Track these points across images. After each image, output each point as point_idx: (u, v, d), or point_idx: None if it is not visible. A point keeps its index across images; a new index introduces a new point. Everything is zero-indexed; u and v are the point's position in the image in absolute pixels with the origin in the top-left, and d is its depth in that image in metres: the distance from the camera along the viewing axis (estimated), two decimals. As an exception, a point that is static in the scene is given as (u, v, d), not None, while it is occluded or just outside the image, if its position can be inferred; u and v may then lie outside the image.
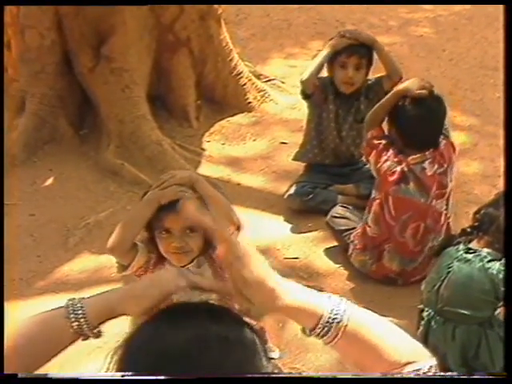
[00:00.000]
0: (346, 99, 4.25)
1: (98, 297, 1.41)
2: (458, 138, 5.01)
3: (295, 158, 4.49)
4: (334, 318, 1.32)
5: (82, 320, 1.37)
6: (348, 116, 4.27)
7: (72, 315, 1.38)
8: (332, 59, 4.15)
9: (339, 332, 1.32)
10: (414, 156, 3.63)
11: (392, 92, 3.75)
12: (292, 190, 4.31)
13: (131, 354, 1.18)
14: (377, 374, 1.20)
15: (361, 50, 4.12)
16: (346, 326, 1.32)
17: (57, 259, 3.94)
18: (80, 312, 1.37)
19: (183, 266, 2.59)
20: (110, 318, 1.40)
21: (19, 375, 1.20)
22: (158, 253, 2.67)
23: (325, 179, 4.31)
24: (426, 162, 3.63)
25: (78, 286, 3.72)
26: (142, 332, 1.21)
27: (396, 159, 3.64)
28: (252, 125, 5.15)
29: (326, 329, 1.32)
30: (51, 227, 4.18)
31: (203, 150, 4.91)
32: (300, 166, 4.50)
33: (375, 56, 4.19)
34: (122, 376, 1.13)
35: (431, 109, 3.65)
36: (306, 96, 4.29)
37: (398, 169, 3.62)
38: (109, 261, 3.92)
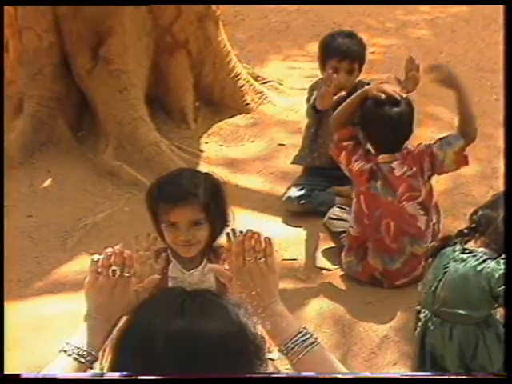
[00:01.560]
0: (341, 103, 4.23)
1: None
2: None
3: (294, 162, 4.50)
4: (306, 339, 1.56)
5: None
6: None
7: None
8: (324, 60, 4.15)
9: (304, 352, 1.56)
10: (383, 155, 3.65)
11: (356, 93, 3.75)
12: (290, 193, 4.31)
13: (124, 342, 1.19)
14: (377, 374, 1.21)
15: (353, 52, 4.12)
16: (312, 349, 1.55)
17: (55, 260, 3.94)
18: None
19: (190, 258, 2.61)
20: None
21: (20, 375, 1.21)
22: (164, 252, 2.68)
23: (322, 181, 4.32)
24: (395, 163, 3.63)
25: (76, 287, 3.70)
26: (134, 320, 1.22)
27: (365, 158, 3.67)
28: (250, 126, 5.15)
29: (296, 344, 1.57)
30: (49, 228, 4.18)
31: (201, 151, 4.91)
32: (298, 168, 4.51)
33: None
34: (122, 376, 1.13)
35: (394, 112, 3.61)
36: (313, 109, 4.23)
37: (368, 167, 3.65)
38: (107, 262, 3.92)
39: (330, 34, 4.27)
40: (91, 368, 1.54)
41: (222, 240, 2.72)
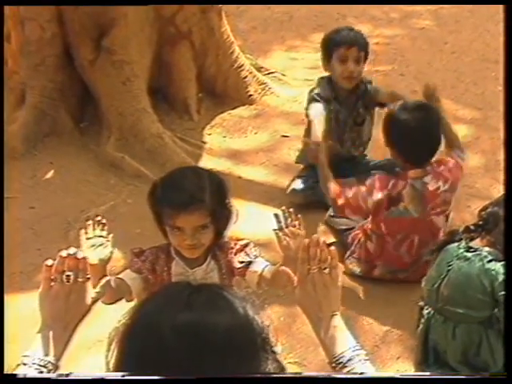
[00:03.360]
0: (345, 102, 4.19)
1: None
2: (459, 131, 5.00)
3: (298, 161, 4.47)
4: (358, 355, 1.67)
5: None
6: (348, 119, 4.22)
7: None
8: (329, 54, 4.10)
9: (354, 368, 1.66)
10: (415, 170, 3.55)
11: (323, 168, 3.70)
12: (294, 185, 4.29)
13: (131, 335, 1.18)
14: (377, 374, 1.21)
15: (360, 41, 4.09)
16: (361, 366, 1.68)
17: (57, 252, 3.92)
18: None
19: (194, 258, 2.60)
20: None
21: (18, 375, 1.20)
22: (167, 248, 2.66)
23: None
24: (428, 177, 3.55)
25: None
26: (140, 314, 1.21)
27: (376, 188, 3.56)
28: (253, 118, 5.13)
29: (349, 360, 1.68)
30: (51, 220, 4.17)
31: (204, 142, 4.90)
32: (301, 160, 4.49)
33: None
34: (123, 376, 1.12)
35: (420, 119, 3.55)
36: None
37: (384, 196, 3.54)
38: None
39: (333, 30, 4.22)
40: None
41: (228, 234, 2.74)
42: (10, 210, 4.22)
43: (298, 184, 4.27)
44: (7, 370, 3.13)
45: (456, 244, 3.10)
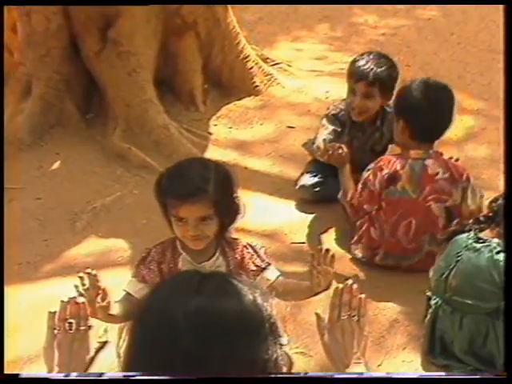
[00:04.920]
0: (361, 128, 4.07)
1: None
2: (466, 122, 5.00)
3: (305, 147, 4.41)
4: None
5: None
6: (364, 145, 4.11)
7: None
8: (347, 80, 3.98)
9: None
10: (417, 151, 3.58)
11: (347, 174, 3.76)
12: (303, 181, 4.22)
13: (142, 322, 1.19)
14: (378, 375, 1.21)
15: (372, 75, 3.83)
16: None
17: (64, 243, 3.94)
18: None
19: (201, 250, 2.60)
20: None
21: (20, 375, 1.21)
22: (173, 244, 2.67)
23: (335, 167, 4.21)
24: (429, 161, 3.58)
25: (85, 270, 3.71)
26: (150, 302, 1.22)
27: (379, 169, 3.60)
28: (259, 108, 5.13)
29: None
30: (58, 211, 4.18)
31: (210, 133, 4.90)
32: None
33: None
34: (124, 376, 1.14)
35: (436, 97, 3.58)
36: None
37: (384, 173, 3.58)
38: (115, 245, 3.93)
39: (357, 55, 4.01)
40: None
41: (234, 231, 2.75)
42: (16, 200, 4.24)
43: (307, 179, 4.22)
44: (8, 359, 3.15)
45: (465, 235, 3.10)
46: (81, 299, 1.84)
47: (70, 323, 1.75)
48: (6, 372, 2.16)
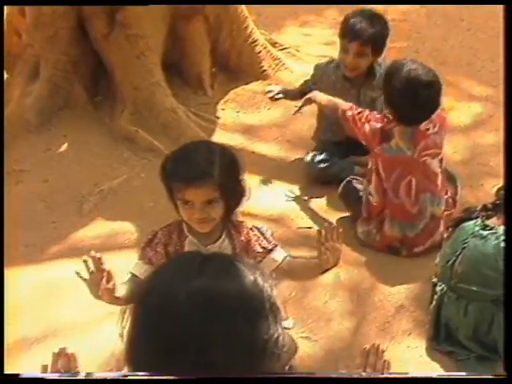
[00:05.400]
0: (353, 83, 4.12)
1: None
2: (474, 109, 4.98)
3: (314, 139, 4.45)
4: None
5: None
6: (358, 100, 4.09)
7: None
8: (340, 39, 4.04)
9: None
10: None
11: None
12: (309, 157, 4.27)
13: (145, 302, 1.19)
14: (378, 375, 1.21)
15: (366, 34, 3.91)
16: None
17: (71, 225, 3.96)
18: None
19: (207, 233, 2.60)
20: None
21: (20, 375, 1.21)
22: (179, 227, 2.67)
23: (342, 149, 4.26)
24: None
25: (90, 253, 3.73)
26: (153, 283, 1.23)
27: (373, 119, 3.64)
28: (267, 93, 5.11)
29: None
30: (65, 193, 4.19)
31: (218, 117, 4.89)
32: (315, 136, 4.48)
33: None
34: (124, 376, 1.15)
35: (424, 83, 3.51)
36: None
37: (379, 127, 3.61)
38: (122, 227, 3.94)
39: (350, 13, 4.09)
40: None
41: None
42: (23, 183, 4.25)
43: (313, 157, 4.26)
44: (14, 340, 3.18)
45: (472, 222, 3.10)
46: (70, 350, 1.85)
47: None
48: (5, 372, 2.15)
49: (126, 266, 2.74)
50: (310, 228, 3.93)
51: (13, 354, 3.10)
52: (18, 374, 1.27)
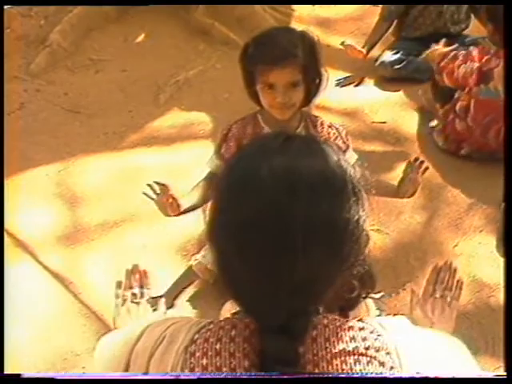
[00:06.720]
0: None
1: None
2: None
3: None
4: None
5: None
6: None
7: None
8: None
9: None
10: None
11: None
12: (384, 57, 4.18)
13: (228, 179, 1.19)
14: (378, 375, 1.18)
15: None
16: None
17: (148, 114, 4.02)
18: None
19: (284, 123, 2.60)
20: None
21: (21, 375, 1.22)
22: (254, 119, 2.68)
23: (418, 46, 4.11)
24: None
25: (169, 141, 3.80)
26: (236, 159, 1.23)
27: (469, 59, 3.45)
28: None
29: None
30: (142, 84, 4.25)
31: (293, 10, 4.83)
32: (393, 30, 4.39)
33: None
34: (124, 376, 1.16)
35: None
36: None
37: (475, 67, 3.42)
38: (197, 118, 3.99)
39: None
40: None
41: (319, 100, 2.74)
42: (103, 72, 4.32)
43: (389, 56, 4.17)
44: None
45: None
46: (141, 267, 1.86)
47: (135, 294, 1.79)
48: (6, 371, 2.17)
49: (201, 156, 2.77)
50: (384, 123, 3.91)
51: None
52: (19, 374, 1.23)
